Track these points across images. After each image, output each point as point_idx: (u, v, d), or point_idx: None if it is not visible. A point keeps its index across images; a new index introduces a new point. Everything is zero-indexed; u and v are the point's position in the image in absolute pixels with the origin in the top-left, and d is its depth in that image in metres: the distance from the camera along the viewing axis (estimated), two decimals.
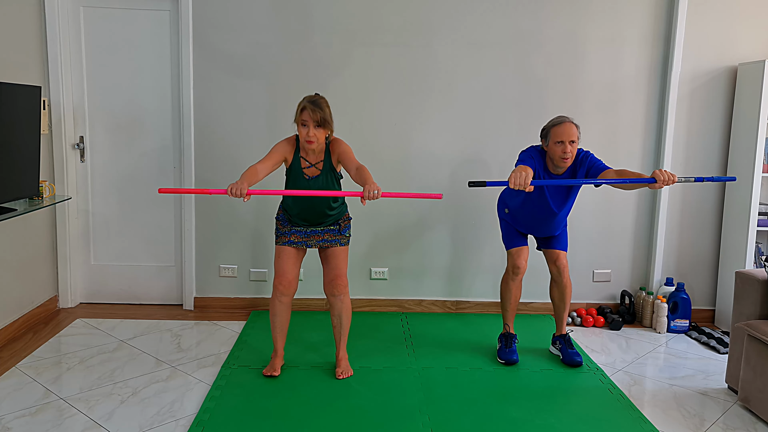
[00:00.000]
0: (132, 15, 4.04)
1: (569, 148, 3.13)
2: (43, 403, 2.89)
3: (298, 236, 3.14)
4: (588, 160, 3.22)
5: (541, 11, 4.04)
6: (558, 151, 3.15)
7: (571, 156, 3.16)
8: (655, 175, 2.88)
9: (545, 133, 3.24)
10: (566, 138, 3.13)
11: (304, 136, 2.95)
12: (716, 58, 4.12)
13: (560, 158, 3.16)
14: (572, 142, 3.14)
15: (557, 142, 3.15)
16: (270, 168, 2.98)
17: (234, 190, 2.73)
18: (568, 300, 3.52)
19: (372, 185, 2.74)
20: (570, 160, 3.17)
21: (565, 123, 3.16)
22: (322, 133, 2.97)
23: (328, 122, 2.96)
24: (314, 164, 3.06)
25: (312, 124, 2.92)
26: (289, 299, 3.20)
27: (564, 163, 3.19)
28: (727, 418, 2.96)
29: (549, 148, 3.21)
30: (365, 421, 2.79)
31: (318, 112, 2.91)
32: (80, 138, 4.15)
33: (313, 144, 2.96)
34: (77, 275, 4.26)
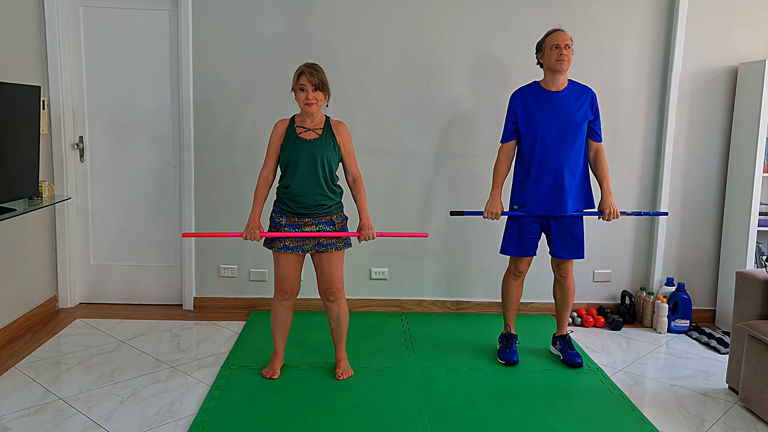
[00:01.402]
0: (132, 15, 4.04)
1: (565, 51, 3.18)
2: (42, 404, 2.89)
3: (292, 240, 3.05)
4: (595, 106, 3.30)
5: (542, 11, 4.04)
6: (554, 55, 3.19)
7: (567, 59, 3.19)
8: (602, 209, 3.33)
9: (540, 44, 3.30)
10: (561, 42, 3.19)
11: (303, 99, 2.96)
12: (717, 58, 4.11)
13: (556, 61, 3.18)
14: (567, 46, 3.19)
15: (553, 46, 3.20)
16: (275, 164, 3.10)
17: (248, 236, 3.03)
18: (571, 300, 3.51)
19: (369, 229, 3.06)
20: (567, 63, 3.19)
21: (558, 30, 3.24)
22: (321, 96, 2.99)
23: (325, 85, 3.00)
24: (312, 129, 3.04)
25: (310, 87, 2.95)
26: (291, 302, 3.18)
27: (561, 66, 3.19)
28: (728, 418, 2.95)
29: (545, 57, 3.25)
30: (365, 422, 2.79)
31: (316, 75, 2.95)
32: (80, 138, 4.14)
33: (313, 106, 2.97)
34: (77, 275, 4.26)
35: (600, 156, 3.36)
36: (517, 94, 3.34)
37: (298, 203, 3.03)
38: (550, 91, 3.27)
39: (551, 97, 3.26)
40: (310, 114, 3.02)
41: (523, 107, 3.28)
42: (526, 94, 3.31)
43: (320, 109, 3.05)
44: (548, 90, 3.27)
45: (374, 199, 4.07)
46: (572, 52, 3.23)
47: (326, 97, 3.03)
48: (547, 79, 3.28)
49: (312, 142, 3.01)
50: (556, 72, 3.23)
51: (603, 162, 3.37)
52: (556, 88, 3.26)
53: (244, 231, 3.02)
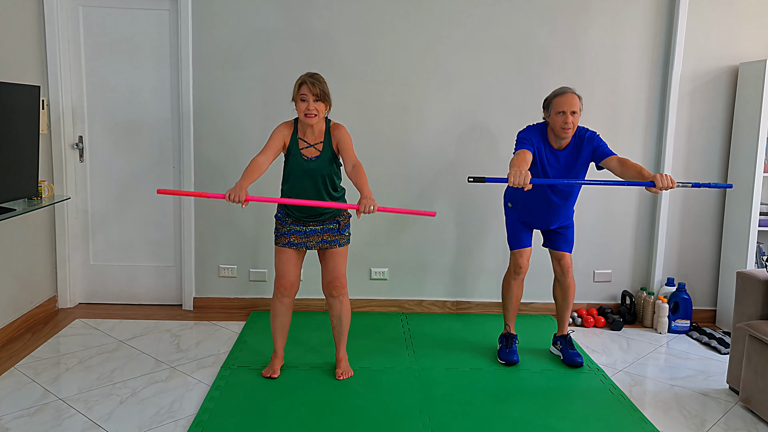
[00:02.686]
0: (131, 14, 4.03)
1: (570, 119, 3.11)
2: (42, 404, 2.88)
3: (297, 236, 3.11)
4: (595, 142, 3.20)
5: (542, 11, 4.03)
6: (559, 122, 3.13)
7: (572, 127, 3.13)
8: (654, 179, 2.90)
9: (547, 103, 3.23)
10: (567, 108, 3.11)
11: (304, 110, 2.93)
12: (717, 58, 4.11)
13: (561, 128, 3.13)
14: (573, 112, 3.12)
15: (558, 112, 3.13)
16: (272, 156, 2.98)
17: (232, 196, 2.72)
18: (571, 300, 3.51)
19: (369, 200, 2.74)
20: (571, 130, 3.14)
21: (566, 93, 3.14)
22: (322, 107, 2.96)
23: (327, 96, 2.96)
24: (313, 144, 3.03)
25: (312, 98, 2.91)
26: (290, 301, 3.18)
27: (565, 134, 3.15)
28: (729, 418, 2.95)
29: (550, 118, 3.18)
30: (365, 422, 2.78)
31: (317, 86, 2.91)
32: (79, 138, 4.14)
33: (313, 118, 2.94)
34: (76, 275, 4.25)
35: (625, 162, 3.07)
36: (530, 133, 3.22)
37: (302, 212, 3.08)
38: (554, 149, 3.24)
39: (554, 156, 3.24)
40: (311, 128, 3.01)
41: (534, 149, 3.19)
42: (538, 138, 3.21)
43: (321, 120, 3.02)
44: (552, 147, 3.24)
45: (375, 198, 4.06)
46: (580, 114, 3.15)
47: (327, 108, 3.01)
48: (551, 135, 3.23)
49: (313, 161, 3.01)
50: (560, 137, 3.20)
51: (632, 163, 3.05)
52: (559, 147, 3.24)
53: (228, 191, 2.75)
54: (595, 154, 3.20)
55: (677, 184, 2.93)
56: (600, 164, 3.21)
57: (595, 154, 3.20)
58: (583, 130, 3.24)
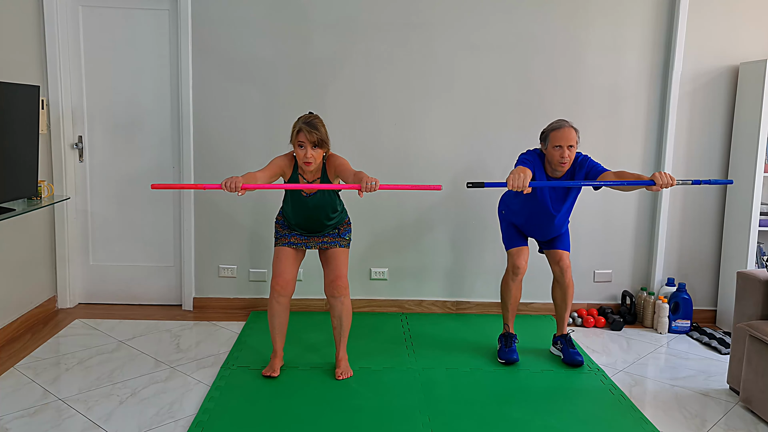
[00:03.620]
0: (131, 14, 4.03)
1: (567, 153, 3.13)
2: (41, 404, 2.88)
3: (298, 238, 3.17)
4: (587, 164, 3.22)
5: (542, 12, 4.03)
6: (556, 156, 3.15)
7: (569, 161, 3.16)
8: (654, 178, 2.90)
9: (544, 136, 3.24)
10: (564, 143, 3.13)
11: (302, 158, 2.96)
12: (717, 58, 4.11)
13: (558, 163, 3.16)
14: (570, 146, 3.13)
15: (555, 146, 3.15)
16: (267, 179, 2.98)
17: (229, 183, 2.72)
18: (570, 300, 3.51)
19: (370, 178, 2.73)
20: (568, 165, 3.18)
21: (564, 128, 3.15)
22: (320, 153, 2.98)
23: (324, 142, 2.98)
24: (311, 182, 3.07)
25: (309, 145, 2.93)
26: (286, 300, 3.19)
27: (562, 168, 3.19)
28: (729, 419, 2.94)
29: (547, 151, 3.21)
30: (365, 422, 2.78)
31: (315, 134, 2.92)
32: (79, 138, 4.13)
33: (311, 165, 2.98)
34: (76, 275, 4.25)
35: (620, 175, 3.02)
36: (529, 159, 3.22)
37: (303, 229, 3.17)
38: (550, 177, 3.25)
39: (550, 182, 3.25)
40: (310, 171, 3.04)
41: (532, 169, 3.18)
42: (534, 164, 3.21)
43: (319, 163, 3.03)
44: (548, 175, 3.25)
45: (375, 197, 4.07)
46: (576, 147, 3.16)
47: (325, 151, 3.02)
48: (547, 166, 3.25)
49: (312, 197, 3.05)
50: (556, 170, 3.22)
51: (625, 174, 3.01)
52: (555, 177, 3.26)
53: (224, 180, 2.75)
54: (589, 176, 3.20)
55: (677, 182, 2.93)
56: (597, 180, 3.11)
57: (589, 176, 3.20)
58: (577, 156, 3.25)
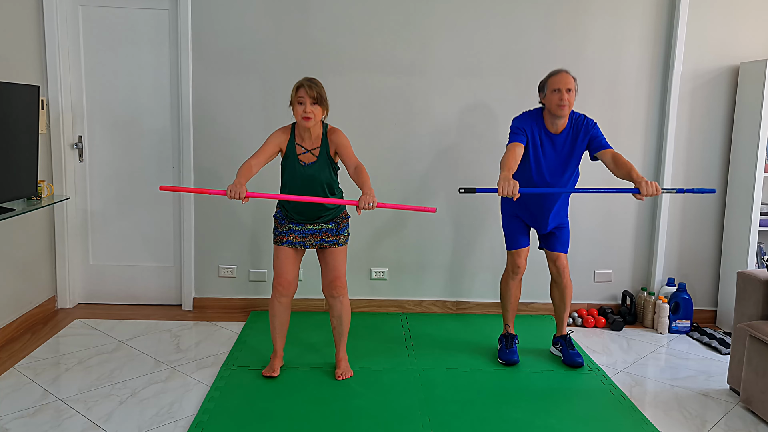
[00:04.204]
0: (130, 14, 4.02)
1: (566, 96, 3.12)
2: (41, 404, 2.88)
3: (295, 236, 3.12)
4: (593, 131, 3.21)
5: (542, 11, 4.03)
6: (555, 99, 3.14)
7: (568, 104, 3.13)
8: (640, 186, 2.94)
9: (542, 85, 3.25)
10: (563, 86, 3.13)
11: (301, 113, 2.94)
12: (718, 57, 4.10)
13: (557, 106, 3.13)
14: (569, 90, 3.13)
15: (554, 90, 3.15)
16: (263, 161, 3.00)
17: (233, 193, 2.78)
18: (569, 300, 3.51)
19: (369, 196, 2.78)
20: (567, 108, 3.14)
21: (561, 73, 3.18)
22: (319, 110, 2.97)
23: (324, 99, 2.98)
24: (310, 150, 3.04)
25: (309, 101, 2.93)
26: (288, 300, 3.18)
27: (561, 112, 3.15)
28: (729, 419, 2.94)
29: (546, 98, 3.20)
30: (365, 422, 2.78)
31: (314, 89, 2.93)
32: (78, 137, 4.13)
33: (310, 121, 2.94)
34: (76, 275, 4.24)
35: (618, 159, 3.10)
36: (525, 121, 3.23)
37: (300, 214, 3.09)
38: (550, 133, 3.23)
39: (551, 140, 3.23)
40: (308, 129, 3.01)
41: (529, 136, 3.21)
42: (532, 124, 3.22)
43: (318, 124, 3.03)
44: (549, 131, 3.23)
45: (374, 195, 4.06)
46: (575, 94, 3.17)
47: (324, 113, 3.02)
48: (547, 119, 3.23)
49: (310, 166, 3.03)
50: (556, 117, 3.19)
51: (624, 161, 3.08)
52: (555, 131, 3.23)
53: (228, 187, 2.80)
54: (592, 145, 3.20)
55: (662, 191, 2.98)
56: (595, 155, 3.23)
57: (592, 145, 3.20)
58: (582, 116, 3.25)
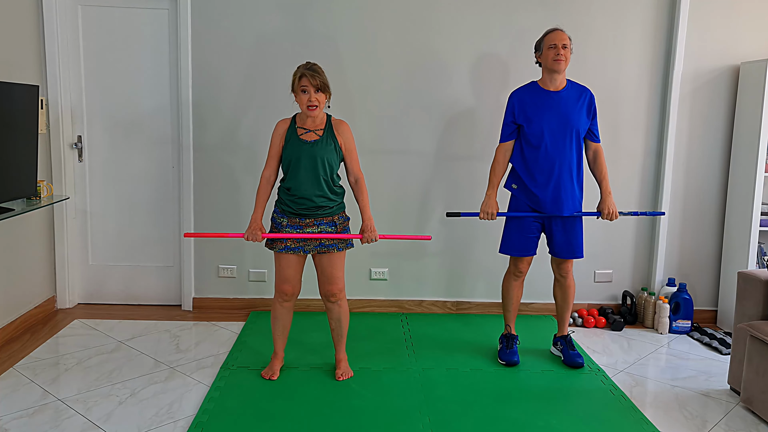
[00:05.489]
0: (130, 14, 4.02)
1: (562, 51, 3.18)
2: (40, 405, 2.87)
3: (294, 241, 3.04)
4: (594, 107, 3.31)
5: (543, 10, 4.02)
6: (551, 54, 3.19)
7: (564, 59, 3.19)
8: (601, 210, 3.35)
9: (538, 44, 3.31)
10: (558, 41, 3.19)
11: (306, 102, 2.94)
12: (718, 57, 4.10)
13: (553, 60, 3.18)
14: (564, 46, 3.19)
15: (550, 46, 3.21)
16: (277, 164, 3.09)
17: (250, 237, 3.01)
18: (571, 301, 3.50)
19: (371, 232, 3.03)
20: (563, 62, 3.19)
21: (556, 30, 3.26)
22: (323, 97, 2.97)
23: (327, 86, 2.98)
24: (313, 130, 3.03)
25: (312, 89, 2.93)
26: (292, 304, 3.17)
27: (558, 66, 3.19)
28: (730, 419, 2.94)
29: (543, 56, 3.25)
30: (365, 423, 2.77)
31: (317, 77, 2.93)
32: (78, 137, 4.12)
33: (315, 110, 2.95)
34: (75, 276, 4.24)
35: (599, 156, 3.37)
36: (515, 95, 3.33)
37: (300, 204, 3.02)
38: (548, 91, 3.26)
39: (550, 97, 3.25)
40: (311, 119, 3.02)
41: (522, 107, 3.27)
42: (523, 94, 3.31)
43: (322, 110, 3.03)
44: (547, 89, 3.27)
45: (374, 199, 4.05)
46: (570, 51, 3.23)
47: (328, 98, 3.02)
48: (545, 79, 3.28)
49: (312, 144, 2.99)
50: (553, 72, 3.23)
51: (602, 162, 3.38)
52: (554, 88, 3.26)
53: (246, 231, 3.01)
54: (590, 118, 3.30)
55: (619, 215, 3.36)
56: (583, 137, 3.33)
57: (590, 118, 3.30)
58: (584, 86, 3.33)
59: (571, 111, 3.24)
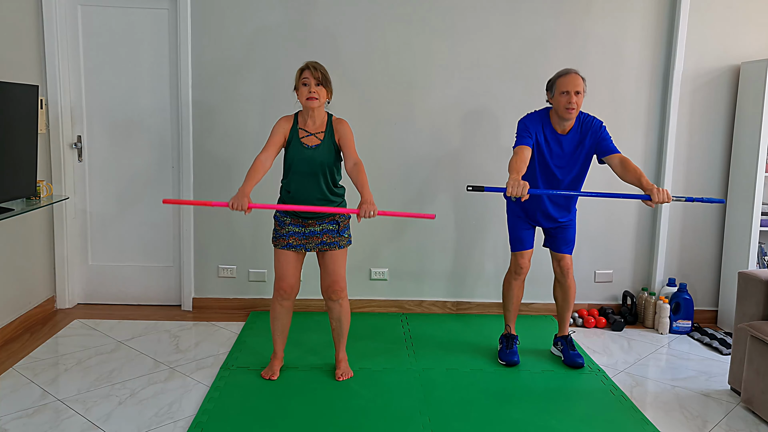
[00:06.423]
0: (130, 13, 4.02)
1: (574, 99, 3.08)
2: (40, 405, 2.87)
3: (296, 238, 3.07)
4: (601, 133, 3.17)
5: (544, 11, 4.02)
6: (563, 102, 3.10)
7: (576, 107, 3.09)
8: (651, 193, 2.92)
9: (551, 84, 3.20)
10: (571, 88, 3.08)
11: (306, 94, 2.94)
12: (719, 57, 4.10)
13: (565, 109, 3.09)
14: (577, 92, 3.09)
15: (563, 92, 3.10)
16: (274, 152, 3.01)
17: (235, 204, 2.78)
18: (572, 301, 3.50)
19: (369, 205, 2.78)
20: (575, 111, 3.11)
21: (570, 74, 3.12)
22: (323, 92, 2.97)
23: (328, 81, 2.99)
24: (314, 133, 3.03)
25: (313, 81, 2.93)
26: (290, 303, 3.17)
27: (569, 115, 3.11)
28: (730, 419, 2.93)
29: (554, 99, 3.15)
30: (365, 423, 2.77)
31: (319, 69, 2.94)
32: (78, 137, 4.12)
33: (315, 102, 2.94)
34: (75, 276, 4.23)
35: (627, 163, 3.07)
36: (531, 121, 3.20)
37: (302, 201, 3.04)
38: (557, 134, 3.20)
39: (558, 141, 3.20)
40: (312, 113, 3.00)
41: (534, 137, 3.17)
42: (538, 125, 3.19)
43: (322, 107, 3.03)
44: (555, 131, 3.20)
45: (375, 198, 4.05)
46: (584, 96, 3.13)
47: (328, 95, 3.02)
48: (554, 119, 3.20)
49: (314, 149, 3.00)
50: (564, 119, 3.16)
51: (633, 167, 3.05)
52: (562, 131, 3.20)
53: (231, 199, 2.79)
54: (599, 148, 3.17)
55: (672, 199, 2.95)
56: (602, 159, 3.20)
57: (599, 148, 3.17)
58: (589, 117, 3.22)
59: (577, 154, 3.22)
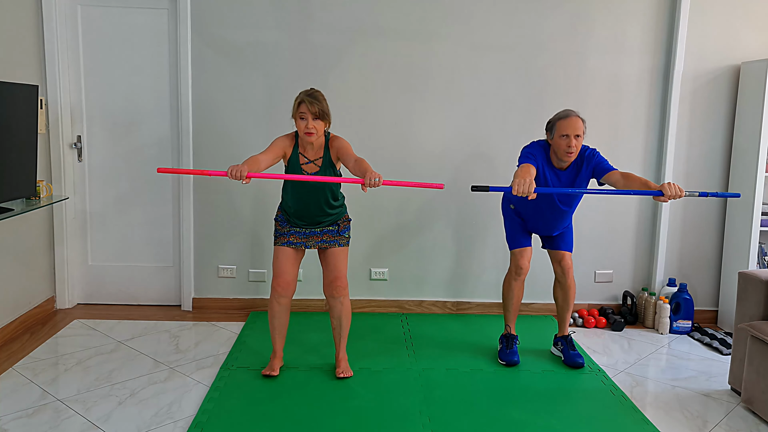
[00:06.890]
0: (130, 13, 4.02)
1: (574, 142, 3.10)
2: (40, 405, 2.86)
3: (296, 237, 3.12)
4: (594, 159, 3.19)
5: (543, 9, 4.02)
6: (563, 145, 3.12)
7: (575, 150, 3.12)
8: (662, 188, 2.86)
9: (550, 126, 3.20)
10: (571, 132, 3.10)
11: (303, 129, 2.94)
12: (719, 57, 4.09)
13: (564, 152, 3.12)
14: (577, 136, 3.10)
15: (562, 135, 3.11)
16: (270, 161, 2.98)
17: (234, 172, 2.73)
18: (572, 301, 3.50)
19: (373, 173, 2.74)
20: (574, 154, 3.13)
21: (570, 117, 3.13)
22: (321, 125, 2.96)
23: (326, 114, 2.97)
24: (313, 160, 3.04)
25: (310, 116, 2.92)
26: (287, 300, 3.17)
27: (568, 158, 3.15)
28: (730, 419, 2.93)
29: (554, 141, 3.17)
30: (365, 423, 2.77)
31: (316, 104, 2.91)
32: (77, 137, 4.12)
33: (312, 136, 2.94)
34: (75, 276, 4.23)
35: (628, 174, 3.05)
36: (534, 151, 3.20)
37: (301, 219, 3.10)
38: (555, 169, 3.22)
39: (556, 175, 3.23)
40: (310, 144, 3.02)
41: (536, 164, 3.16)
42: (539, 157, 3.19)
43: (321, 137, 3.02)
44: (554, 167, 3.22)
45: (375, 197, 4.06)
46: (583, 137, 3.13)
47: (327, 125, 3.01)
48: (553, 157, 3.22)
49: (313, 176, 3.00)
50: (562, 160, 3.18)
51: (636, 176, 3.02)
52: (560, 168, 3.23)
53: (230, 167, 2.74)
54: (596, 171, 3.18)
55: (685, 193, 2.87)
56: (601, 180, 3.19)
57: (596, 171, 3.18)
58: (583, 148, 3.23)
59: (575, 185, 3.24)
